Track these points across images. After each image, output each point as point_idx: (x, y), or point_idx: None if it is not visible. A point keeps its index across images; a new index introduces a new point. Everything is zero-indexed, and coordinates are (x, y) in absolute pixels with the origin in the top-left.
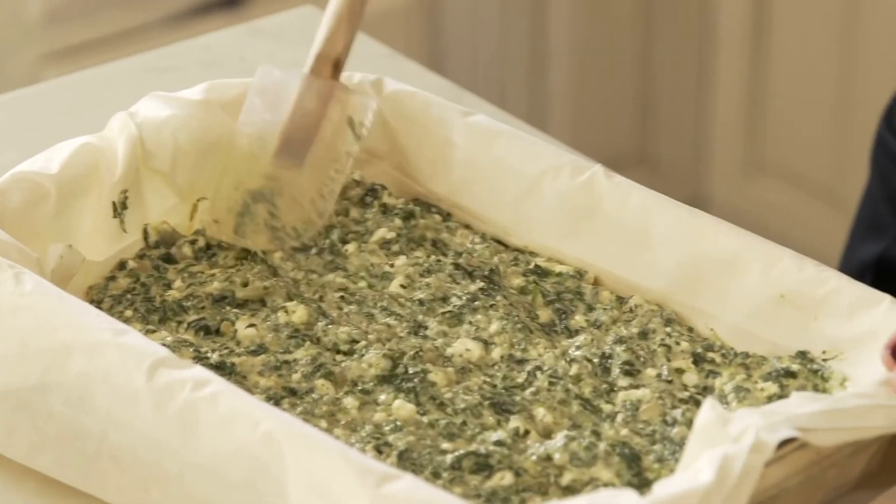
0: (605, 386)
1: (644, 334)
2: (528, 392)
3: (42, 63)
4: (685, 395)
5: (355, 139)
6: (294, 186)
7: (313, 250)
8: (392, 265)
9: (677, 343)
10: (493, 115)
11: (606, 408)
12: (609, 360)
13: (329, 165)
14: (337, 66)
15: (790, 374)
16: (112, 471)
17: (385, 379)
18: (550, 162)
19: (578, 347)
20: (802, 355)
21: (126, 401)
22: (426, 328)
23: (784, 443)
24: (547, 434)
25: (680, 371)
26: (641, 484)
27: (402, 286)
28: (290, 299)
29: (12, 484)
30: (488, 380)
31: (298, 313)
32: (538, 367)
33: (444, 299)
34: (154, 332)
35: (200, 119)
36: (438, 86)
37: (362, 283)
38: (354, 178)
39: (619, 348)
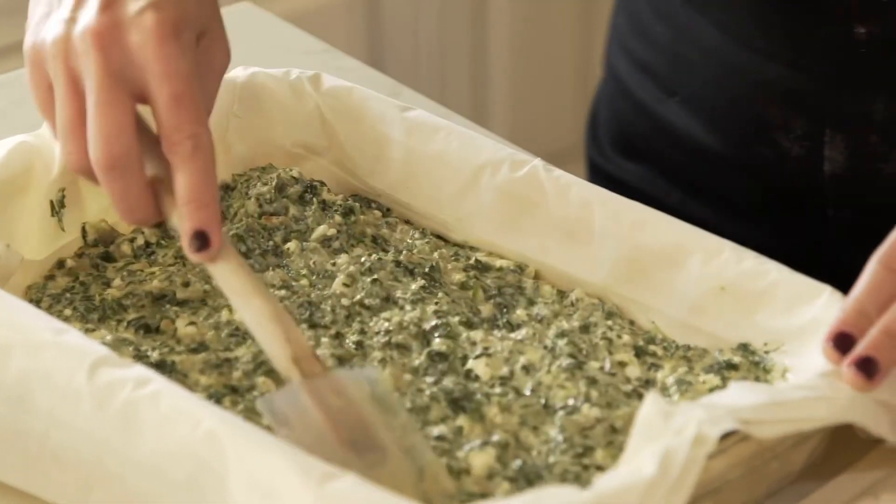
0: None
1: (586, 328)
2: (473, 386)
3: None
4: (628, 388)
5: (394, 411)
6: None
7: (257, 251)
8: (334, 263)
9: (619, 336)
10: (432, 111)
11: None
12: (551, 354)
13: (405, 438)
14: (315, 356)
15: (732, 367)
16: (54, 470)
17: None
18: (490, 156)
19: (521, 342)
20: (744, 347)
21: (67, 400)
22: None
23: (726, 435)
24: (491, 431)
25: (622, 364)
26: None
27: (346, 285)
28: None
29: None
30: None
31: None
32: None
33: (387, 298)
34: (94, 330)
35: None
36: (377, 81)
37: (304, 282)
38: (293, 175)
39: (560, 342)
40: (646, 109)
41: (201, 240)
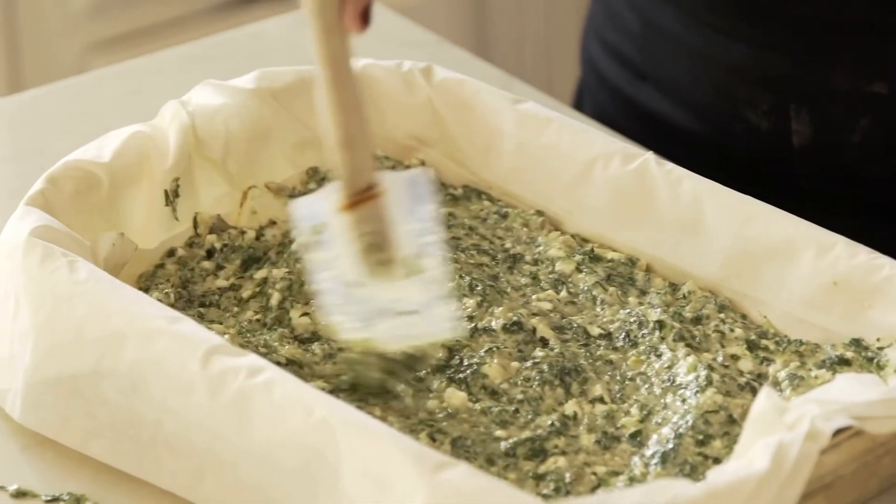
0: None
1: (698, 319)
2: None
3: (89, 52)
4: (742, 381)
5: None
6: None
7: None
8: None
9: (731, 330)
10: (542, 103)
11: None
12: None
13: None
14: (371, 185)
15: (844, 362)
16: (166, 458)
17: (439, 369)
18: (601, 149)
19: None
20: (857, 343)
21: (180, 388)
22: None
23: (839, 430)
24: (607, 415)
25: (735, 357)
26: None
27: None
28: None
29: (68, 471)
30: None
31: None
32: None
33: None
34: (204, 319)
35: (252, 107)
36: (487, 73)
37: None
38: (412, 165)
39: (672, 322)
40: (620, 94)
41: (366, 17)
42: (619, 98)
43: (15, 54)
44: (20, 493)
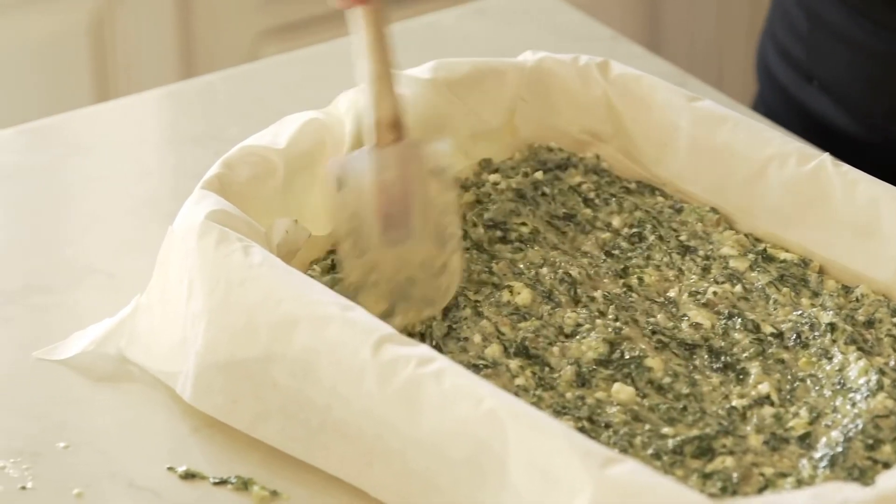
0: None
1: (870, 323)
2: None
3: (261, 40)
4: None
5: (446, 186)
6: (414, 257)
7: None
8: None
9: None
10: (716, 101)
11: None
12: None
13: (439, 222)
14: (396, 126)
15: None
16: (335, 443)
17: (601, 362)
18: (777, 149)
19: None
20: None
21: (351, 375)
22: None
23: None
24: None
25: None
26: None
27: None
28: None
29: (237, 453)
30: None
31: (523, 295)
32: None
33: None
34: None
35: (428, 97)
36: (662, 69)
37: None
38: (586, 159)
39: (844, 325)
40: (788, 94)
41: None
42: (787, 98)
43: (189, 41)
44: (189, 475)
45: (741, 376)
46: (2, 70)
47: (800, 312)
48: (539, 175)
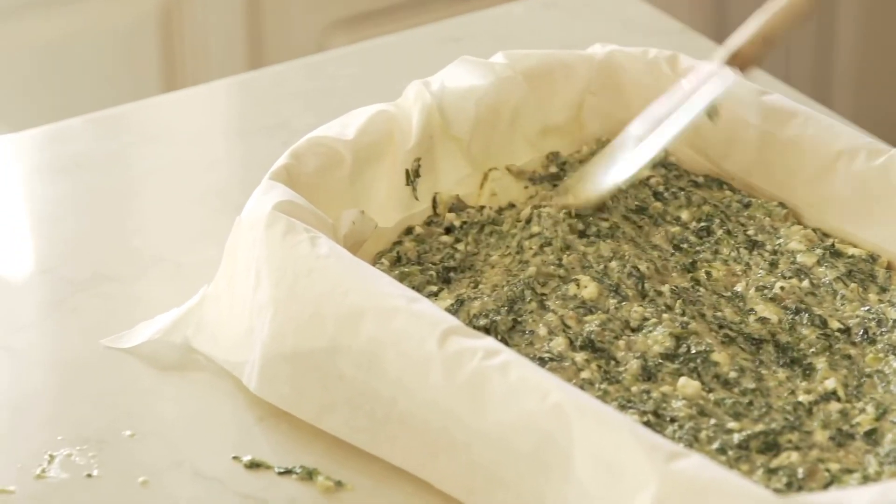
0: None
1: None
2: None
3: (330, 31)
4: None
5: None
6: None
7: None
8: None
9: None
10: (786, 96)
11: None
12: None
13: None
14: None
15: None
16: (400, 435)
17: (667, 356)
18: (846, 144)
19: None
20: None
21: (416, 367)
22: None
23: None
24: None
25: None
26: None
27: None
28: (583, 272)
29: (301, 444)
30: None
31: (589, 289)
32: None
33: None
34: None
35: (502, 89)
36: None
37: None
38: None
39: None
40: None
41: None
42: None
43: (257, 31)
44: (254, 464)
45: (807, 371)
46: (73, 60)
47: (867, 308)
48: None
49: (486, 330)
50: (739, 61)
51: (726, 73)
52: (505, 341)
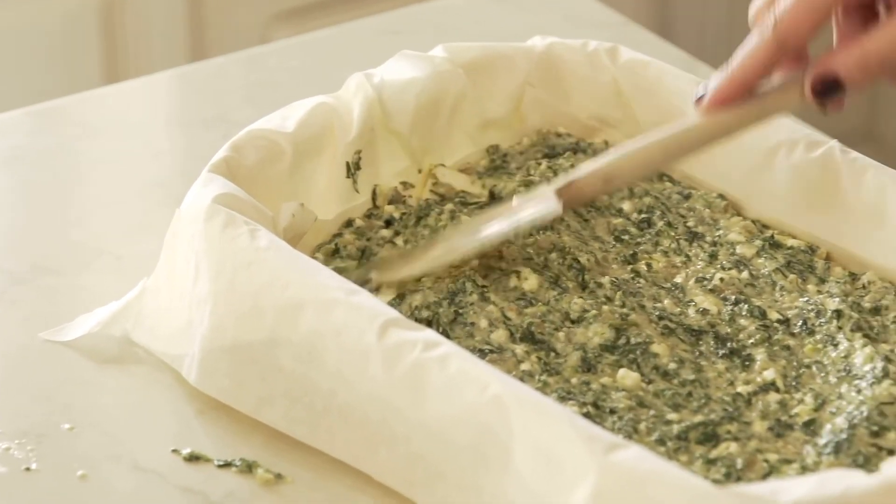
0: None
1: (876, 310)
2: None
3: (272, 23)
4: None
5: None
6: None
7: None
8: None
9: None
10: None
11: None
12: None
13: None
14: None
15: None
16: (340, 427)
17: (607, 348)
18: (786, 136)
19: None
20: None
21: (356, 359)
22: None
23: None
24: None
25: None
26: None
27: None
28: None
29: (241, 436)
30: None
31: (530, 281)
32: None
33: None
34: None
35: (442, 82)
36: (672, 55)
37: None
38: (595, 144)
39: (850, 312)
40: None
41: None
42: None
43: (199, 23)
44: (193, 457)
45: (747, 362)
46: (11, 52)
47: (806, 299)
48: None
49: (429, 322)
50: (571, 193)
51: (552, 201)
52: (446, 333)
